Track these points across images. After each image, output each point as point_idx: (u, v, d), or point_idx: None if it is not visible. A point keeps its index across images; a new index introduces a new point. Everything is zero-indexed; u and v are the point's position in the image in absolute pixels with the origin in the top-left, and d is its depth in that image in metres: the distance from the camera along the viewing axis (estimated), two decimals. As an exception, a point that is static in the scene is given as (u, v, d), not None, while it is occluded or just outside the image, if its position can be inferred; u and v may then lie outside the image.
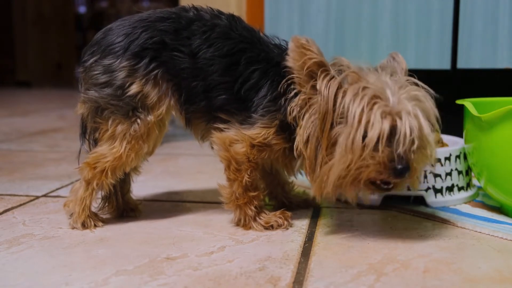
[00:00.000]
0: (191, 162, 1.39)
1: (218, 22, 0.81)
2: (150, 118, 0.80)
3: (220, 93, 0.80)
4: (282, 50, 0.82)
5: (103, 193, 0.87)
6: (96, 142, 0.85)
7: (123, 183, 0.89)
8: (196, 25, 0.81)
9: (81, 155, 0.87)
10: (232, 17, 0.83)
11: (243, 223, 0.82)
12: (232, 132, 0.80)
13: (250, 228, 0.82)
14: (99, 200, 0.88)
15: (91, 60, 0.81)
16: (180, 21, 0.81)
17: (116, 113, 0.80)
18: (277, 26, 1.46)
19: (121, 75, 0.79)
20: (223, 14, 0.83)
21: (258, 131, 0.79)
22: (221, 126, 0.81)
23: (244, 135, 0.79)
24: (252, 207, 0.81)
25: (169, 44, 0.80)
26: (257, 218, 0.82)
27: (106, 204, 0.88)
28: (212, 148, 0.84)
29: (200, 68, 0.80)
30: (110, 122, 0.80)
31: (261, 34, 0.84)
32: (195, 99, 0.81)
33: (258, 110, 0.79)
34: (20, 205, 0.97)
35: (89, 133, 0.85)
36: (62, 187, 1.10)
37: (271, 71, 0.79)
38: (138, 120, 0.80)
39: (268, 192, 0.94)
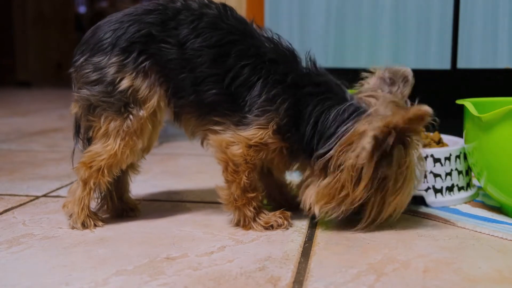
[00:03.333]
0: (191, 162, 1.39)
1: (206, 11, 0.80)
2: (142, 113, 0.80)
3: (209, 87, 0.79)
4: (275, 45, 0.81)
5: (100, 194, 0.87)
6: (89, 141, 0.84)
7: (118, 183, 0.88)
8: (183, 14, 0.80)
9: (76, 155, 0.87)
10: (223, 7, 0.82)
11: (243, 224, 0.82)
12: (228, 135, 0.79)
13: (250, 228, 0.81)
14: (97, 201, 0.88)
15: (82, 59, 0.81)
16: (166, 12, 0.80)
17: (108, 110, 0.80)
18: (277, 26, 1.46)
19: (111, 71, 0.79)
20: (213, 3, 0.82)
21: (254, 131, 0.78)
22: (216, 128, 0.80)
23: (240, 137, 0.78)
24: (251, 208, 0.81)
25: (156, 36, 0.79)
26: (257, 219, 0.82)
27: (104, 207, 0.88)
28: (202, 145, 0.84)
29: (188, 59, 0.79)
30: (102, 119, 0.80)
31: (253, 26, 0.82)
32: (183, 92, 0.80)
33: (253, 110, 0.78)
34: (20, 205, 0.97)
35: (83, 132, 0.85)
36: (62, 187, 1.10)
37: (263, 68, 0.78)
38: (131, 116, 0.80)
39: (266, 194, 0.93)
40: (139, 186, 1.03)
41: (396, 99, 0.80)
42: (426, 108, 0.72)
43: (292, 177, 0.98)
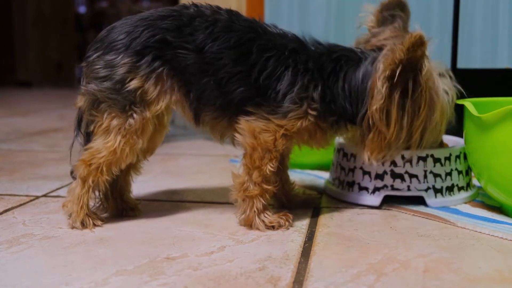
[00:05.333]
0: (191, 162, 1.39)
1: (219, 17, 0.82)
2: (146, 114, 0.81)
3: (236, 86, 0.80)
4: (285, 36, 0.84)
5: (99, 193, 0.87)
6: (89, 136, 0.85)
7: (118, 182, 0.89)
8: (198, 21, 0.82)
9: (74, 149, 0.87)
10: (230, 12, 0.84)
11: (247, 216, 0.82)
12: (261, 123, 0.81)
13: (251, 223, 0.81)
14: (96, 200, 0.88)
15: (94, 56, 0.82)
16: (181, 18, 0.82)
17: (113, 107, 0.81)
18: (277, 26, 1.46)
19: (121, 70, 0.80)
20: (222, 9, 0.85)
21: (293, 122, 0.80)
22: (247, 118, 0.81)
23: (276, 126, 0.80)
24: (263, 200, 0.82)
25: (172, 42, 0.80)
26: (262, 215, 0.82)
27: (103, 206, 0.89)
28: (234, 145, 0.85)
29: (209, 63, 0.80)
30: (105, 115, 0.81)
31: (261, 23, 0.85)
32: (208, 97, 0.82)
33: (287, 98, 0.80)
34: (20, 205, 0.97)
35: (84, 126, 0.86)
36: (62, 187, 1.10)
37: (289, 58, 0.81)
38: (134, 115, 0.81)
39: None
40: (140, 186, 1.03)
41: (400, 32, 0.87)
42: (418, 32, 0.77)
43: (294, 175, 0.99)
